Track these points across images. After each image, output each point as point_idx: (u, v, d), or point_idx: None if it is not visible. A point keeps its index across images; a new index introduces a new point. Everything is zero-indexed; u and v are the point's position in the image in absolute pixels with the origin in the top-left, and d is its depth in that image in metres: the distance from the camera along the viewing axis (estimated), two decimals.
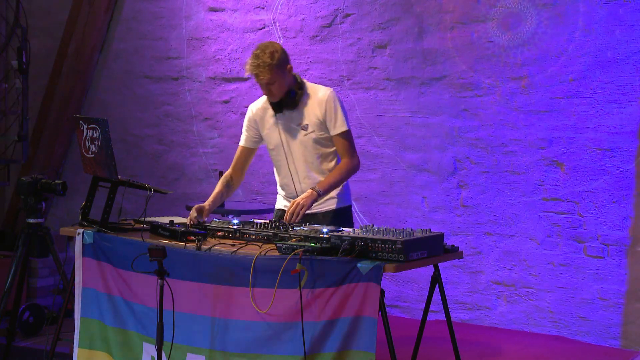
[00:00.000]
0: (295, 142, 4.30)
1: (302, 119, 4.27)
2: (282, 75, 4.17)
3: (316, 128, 4.26)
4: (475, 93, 5.76)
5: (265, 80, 4.14)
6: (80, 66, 7.07)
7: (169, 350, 3.79)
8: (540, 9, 5.56)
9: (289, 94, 4.22)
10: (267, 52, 4.14)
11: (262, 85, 4.19)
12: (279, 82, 4.16)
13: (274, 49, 4.17)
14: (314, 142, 4.27)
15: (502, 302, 5.76)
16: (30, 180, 4.73)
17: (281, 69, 4.16)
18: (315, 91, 4.29)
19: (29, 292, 6.32)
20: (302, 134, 4.27)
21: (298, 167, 4.32)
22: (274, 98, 4.23)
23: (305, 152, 4.29)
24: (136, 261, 3.79)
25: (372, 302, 3.44)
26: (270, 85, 4.17)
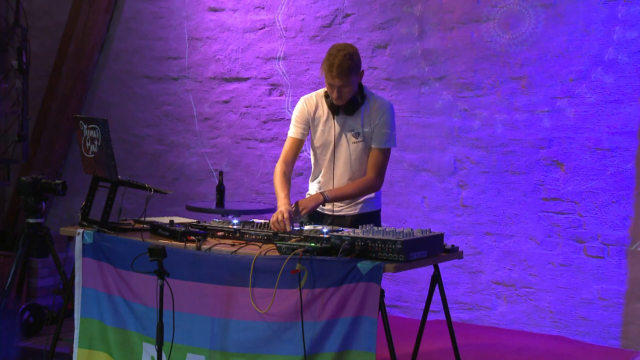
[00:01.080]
0: (343, 147, 4.22)
1: (356, 126, 4.19)
2: (355, 79, 4.08)
3: (367, 137, 4.18)
4: (475, 93, 5.76)
5: (340, 82, 4.03)
6: (80, 66, 7.07)
7: (169, 351, 3.79)
8: (540, 9, 5.56)
9: (352, 99, 4.13)
10: (347, 53, 4.03)
11: (334, 87, 4.07)
12: (351, 85, 4.06)
13: (352, 50, 4.07)
14: (362, 152, 4.20)
15: (502, 302, 5.76)
16: (30, 180, 4.73)
17: (356, 72, 4.07)
18: (375, 101, 4.20)
19: (29, 292, 6.32)
20: (352, 141, 4.20)
21: (338, 171, 4.25)
22: (342, 101, 4.11)
23: (351, 158, 4.22)
24: (136, 261, 3.79)
25: (372, 302, 3.44)
26: (343, 89, 4.06)
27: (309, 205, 4.08)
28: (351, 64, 4.01)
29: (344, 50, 4.04)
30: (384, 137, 4.18)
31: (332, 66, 4.00)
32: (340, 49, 4.06)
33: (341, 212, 4.28)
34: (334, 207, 4.29)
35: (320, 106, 4.25)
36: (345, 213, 4.28)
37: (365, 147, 4.20)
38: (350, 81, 4.03)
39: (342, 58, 4.00)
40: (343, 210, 4.28)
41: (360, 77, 4.13)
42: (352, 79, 4.03)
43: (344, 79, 4.01)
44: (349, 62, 4.00)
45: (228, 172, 6.54)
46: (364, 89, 4.20)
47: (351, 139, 4.20)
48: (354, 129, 4.19)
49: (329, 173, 4.29)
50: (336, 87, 4.05)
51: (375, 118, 4.17)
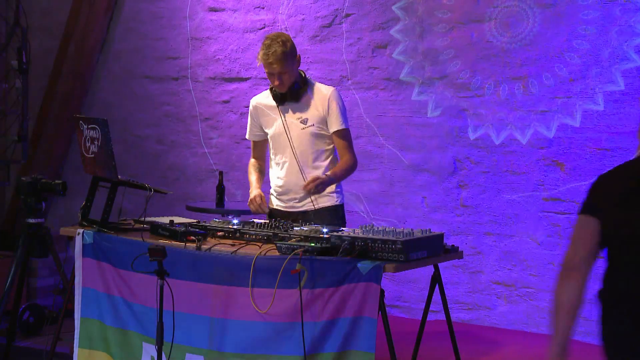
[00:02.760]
0: (294, 134, 4.31)
1: (302, 112, 4.31)
2: (292, 65, 4.23)
3: (316, 123, 4.29)
4: (475, 93, 5.76)
5: (278, 68, 4.18)
6: (80, 66, 7.07)
7: (168, 351, 3.79)
8: (540, 9, 5.56)
9: (293, 86, 4.26)
10: (279, 40, 4.19)
11: (273, 74, 4.22)
12: (290, 71, 4.22)
13: (285, 38, 4.23)
14: (312, 136, 4.30)
15: (502, 302, 5.76)
16: (30, 180, 4.72)
17: (292, 58, 4.22)
18: (318, 88, 4.35)
19: (29, 292, 6.31)
20: (301, 127, 4.30)
21: (292, 160, 4.33)
22: (284, 88, 4.26)
23: (302, 145, 4.30)
24: (136, 261, 3.79)
25: (372, 302, 3.44)
26: (282, 75, 4.20)
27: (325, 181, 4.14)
28: (285, 49, 4.18)
29: (277, 39, 4.21)
30: (339, 120, 4.30)
31: (267, 55, 4.17)
32: (272, 38, 4.23)
33: (303, 207, 4.33)
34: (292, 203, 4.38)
35: (266, 101, 4.39)
36: (307, 208, 4.32)
37: (314, 132, 4.30)
38: (287, 66, 4.19)
39: (275, 46, 4.17)
40: (305, 206, 4.33)
41: (297, 64, 4.28)
42: (288, 64, 4.19)
43: (281, 65, 4.17)
44: (282, 48, 4.17)
45: (228, 172, 6.54)
46: (305, 77, 4.34)
47: (300, 126, 4.30)
48: (301, 115, 4.31)
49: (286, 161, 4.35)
50: (276, 75, 4.21)
51: (323, 104, 4.29)
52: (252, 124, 4.49)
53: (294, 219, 4.24)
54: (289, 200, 4.38)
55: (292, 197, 4.36)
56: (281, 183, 4.39)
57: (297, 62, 4.27)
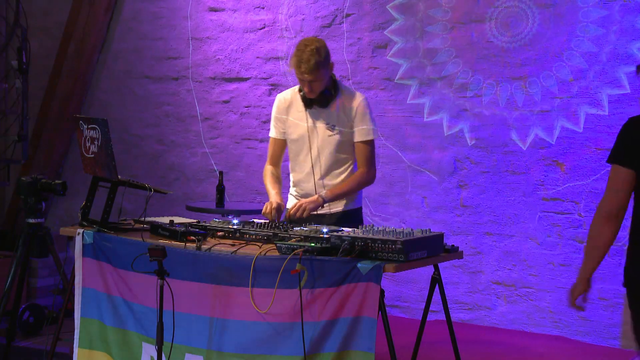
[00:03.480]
0: (318, 139, 4.27)
1: (330, 118, 4.25)
2: (325, 73, 4.16)
3: (342, 130, 4.24)
4: (475, 93, 5.76)
5: (309, 77, 4.11)
6: (80, 66, 7.07)
7: (168, 351, 3.79)
8: (540, 9, 5.56)
9: (324, 92, 4.21)
10: (314, 48, 4.11)
11: (304, 82, 4.15)
12: (321, 79, 4.15)
13: (319, 44, 4.14)
14: (337, 144, 4.25)
15: (502, 302, 5.75)
16: (30, 180, 4.72)
17: (325, 66, 4.15)
18: (348, 94, 4.27)
19: (29, 292, 6.31)
20: (328, 134, 4.25)
21: (315, 165, 4.30)
22: (313, 94, 4.20)
23: (326, 151, 4.27)
24: (136, 261, 3.78)
25: (372, 302, 3.43)
26: (313, 83, 4.14)
27: (309, 207, 4.11)
28: (318, 58, 4.10)
29: (311, 46, 4.13)
30: (366, 130, 4.24)
31: (300, 62, 4.10)
32: (307, 44, 4.15)
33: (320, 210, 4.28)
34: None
35: (294, 101, 4.33)
36: (324, 212, 4.29)
37: (341, 140, 4.25)
38: (319, 75, 4.12)
39: (309, 54, 4.09)
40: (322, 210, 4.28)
41: (330, 70, 4.21)
42: (320, 73, 4.12)
43: (312, 74, 4.11)
44: (316, 57, 4.09)
45: (228, 172, 6.54)
46: (337, 82, 4.28)
47: (326, 132, 4.26)
48: (329, 121, 4.25)
49: (305, 165, 4.33)
50: (306, 82, 4.14)
51: (350, 112, 4.23)
52: (278, 119, 4.39)
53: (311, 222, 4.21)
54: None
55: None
56: (302, 186, 4.38)
57: (330, 68, 4.19)
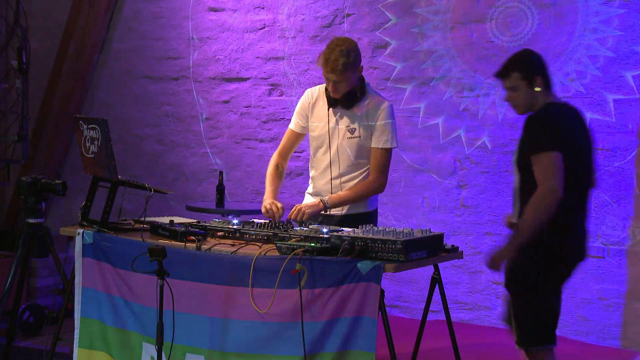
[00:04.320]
0: (338, 140, 4.23)
1: (353, 121, 4.20)
2: (352, 75, 4.10)
3: (363, 134, 4.18)
4: (475, 93, 5.76)
5: (335, 78, 4.07)
6: (80, 66, 7.07)
7: (168, 351, 3.79)
8: (540, 9, 5.56)
9: (349, 93, 4.14)
10: (344, 49, 4.05)
11: (330, 81, 4.11)
12: (347, 81, 4.09)
13: (350, 46, 4.08)
14: (357, 147, 4.20)
15: (502, 302, 5.75)
16: (30, 180, 4.72)
17: (354, 68, 4.10)
18: (374, 99, 4.21)
19: (29, 292, 6.31)
20: (348, 136, 4.21)
21: (332, 165, 4.26)
22: (338, 95, 4.15)
23: (344, 152, 4.23)
24: (136, 261, 3.78)
25: (372, 302, 3.43)
26: (339, 84, 4.09)
27: (308, 212, 4.07)
28: (346, 60, 4.04)
29: (342, 46, 4.06)
30: (385, 138, 4.18)
31: (327, 61, 4.06)
32: (338, 44, 4.08)
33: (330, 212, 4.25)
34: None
35: (320, 98, 4.28)
36: (334, 213, 4.26)
37: (360, 144, 4.20)
38: (344, 77, 4.06)
39: (337, 54, 4.04)
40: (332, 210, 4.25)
41: (359, 72, 4.14)
42: (346, 75, 4.06)
43: (337, 75, 4.05)
44: (344, 59, 4.03)
45: (228, 172, 6.54)
46: (365, 84, 4.21)
47: (346, 134, 4.21)
48: (350, 124, 4.20)
49: (323, 165, 4.30)
50: (332, 82, 4.10)
51: (374, 117, 4.17)
52: (301, 113, 4.33)
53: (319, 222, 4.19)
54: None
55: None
56: (315, 184, 4.34)
57: (359, 71, 4.13)
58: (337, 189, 4.24)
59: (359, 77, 4.17)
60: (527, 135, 3.68)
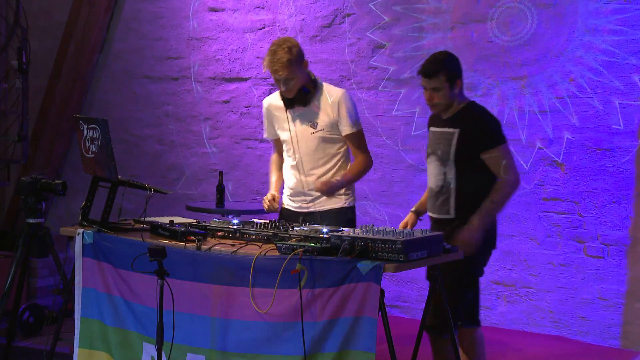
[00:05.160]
0: (303, 139, 4.33)
1: (313, 116, 4.31)
2: (299, 71, 4.21)
3: (325, 127, 4.30)
4: (475, 93, 5.76)
5: (284, 75, 4.17)
6: (80, 66, 7.07)
7: (169, 351, 3.79)
8: (540, 9, 5.56)
9: (302, 90, 4.26)
10: (285, 47, 4.18)
11: (279, 81, 4.22)
12: (296, 77, 4.20)
13: (291, 44, 4.22)
14: (322, 141, 4.32)
15: (502, 302, 5.75)
16: (30, 180, 4.72)
17: (299, 64, 4.21)
18: (328, 90, 4.33)
19: (29, 292, 6.31)
20: (311, 132, 4.31)
21: (304, 163, 4.36)
22: (291, 94, 4.26)
23: (312, 149, 4.33)
24: (136, 261, 3.78)
25: (372, 302, 3.43)
26: (289, 81, 4.20)
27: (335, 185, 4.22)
28: (290, 57, 4.17)
29: (283, 45, 4.20)
30: (350, 122, 4.31)
31: (272, 61, 4.18)
32: (278, 44, 4.22)
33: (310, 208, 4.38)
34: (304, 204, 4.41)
35: (278, 103, 4.40)
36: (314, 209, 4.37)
37: (325, 137, 4.31)
38: (292, 73, 4.18)
39: (281, 53, 4.17)
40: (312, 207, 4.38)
41: (305, 67, 4.26)
42: (293, 70, 4.18)
43: (285, 71, 4.17)
44: (287, 56, 4.16)
45: (228, 172, 6.54)
46: (316, 79, 4.33)
47: (309, 130, 4.31)
48: (312, 119, 4.30)
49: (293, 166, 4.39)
50: (282, 81, 4.21)
51: (333, 108, 4.29)
52: (268, 123, 4.50)
53: (303, 220, 4.27)
54: (298, 201, 4.43)
55: (301, 198, 4.42)
56: (291, 185, 4.45)
57: (304, 67, 4.26)
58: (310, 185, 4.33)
59: (307, 73, 4.29)
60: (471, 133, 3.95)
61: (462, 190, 3.98)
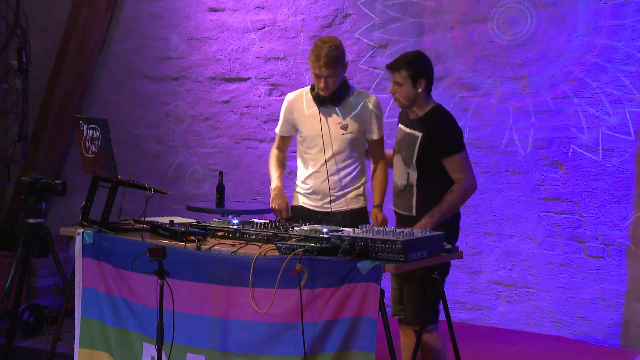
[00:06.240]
0: (334, 138, 4.33)
1: (343, 118, 4.32)
2: (341, 70, 4.26)
3: (355, 130, 4.32)
4: (475, 93, 5.76)
5: (326, 72, 4.20)
6: (80, 66, 7.07)
7: (169, 351, 3.79)
8: (540, 9, 5.56)
9: (337, 90, 4.28)
10: (332, 44, 4.21)
11: (320, 76, 4.23)
12: (337, 75, 4.24)
13: (338, 42, 4.27)
14: (350, 143, 4.33)
15: (502, 302, 5.76)
16: (30, 180, 4.72)
17: (342, 63, 4.26)
18: (360, 94, 4.38)
19: (29, 292, 6.31)
20: (341, 133, 4.32)
21: (328, 163, 4.35)
22: (328, 91, 4.27)
23: (342, 149, 4.33)
24: (136, 261, 3.78)
25: (372, 302, 3.43)
26: (329, 79, 4.22)
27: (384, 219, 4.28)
28: (337, 54, 4.21)
29: (330, 42, 4.24)
30: (379, 128, 4.37)
31: (319, 57, 4.19)
32: (326, 40, 4.26)
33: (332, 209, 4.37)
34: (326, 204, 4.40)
35: (305, 101, 4.40)
36: (335, 210, 4.37)
37: (352, 140, 4.33)
38: (336, 71, 4.22)
39: (328, 49, 4.20)
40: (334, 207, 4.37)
41: (344, 69, 4.29)
42: (338, 69, 4.23)
43: (330, 69, 4.19)
44: (335, 53, 4.20)
45: (228, 172, 6.54)
46: (347, 81, 4.36)
47: (339, 131, 4.32)
48: (341, 121, 4.32)
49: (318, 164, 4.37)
50: (323, 77, 4.22)
51: (366, 112, 4.33)
52: (285, 120, 4.48)
53: (320, 219, 4.29)
54: (319, 200, 4.40)
55: (322, 197, 4.39)
56: (311, 184, 4.41)
57: (344, 68, 4.29)
58: (335, 185, 4.33)
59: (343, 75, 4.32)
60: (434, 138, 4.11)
61: (422, 191, 4.15)
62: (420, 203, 4.14)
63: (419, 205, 4.15)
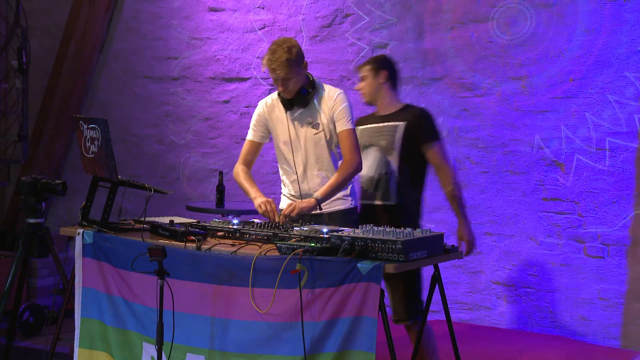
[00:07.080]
0: (305, 140, 4.29)
1: (313, 117, 4.28)
2: (298, 71, 4.19)
3: (326, 128, 4.27)
4: (475, 93, 5.76)
5: (282, 75, 4.15)
6: (80, 66, 7.07)
7: (169, 351, 3.79)
8: (540, 9, 5.56)
9: (301, 91, 4.23)
10: (285, 47, 4.16)
11: (278, 80, 4.20)
12: (295, 77, 4.18)
13: (291, 44, 4.19)
14: (324, 141, 4.28)
15: (502, 302, 5.76)
16: (30, 180, 4.72)
17: (298, 64, 4.19)
18: (326, 91, 4.31)
19: (29, 292, 6.32)
20: (313, 132, 4.28)
21: (306, 165, 4.31)
22: (290, 94, 4.23)
23: (316, 150, 4.28)
24: (136, 261, 3.79)
25: (372, 302, 3.44)
26: (287, 81, 4.18)
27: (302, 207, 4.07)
28: (290, 56, 4.15)
29: (283, 45, 4.18)
30: (346, 119, 4.26)
31: (271, 60, 4.16)
32: (279, 43, 4.20)
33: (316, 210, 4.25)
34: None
35: (275, 105, 4.36)
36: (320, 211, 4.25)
37: (326, 137, 4.28)
38: (291, 72, 4.16)
39: (280, 52, 4.15)
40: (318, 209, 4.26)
41: (304, 68, 4.24)
42: (292, 70, 4.16)
43: (284, 71, 4.14)
44: (287, 55, 4.14)
45: (228, 172, 6.54)
46: (314, 80, 4.30)
47: (311, 131, 4.28)
48: (312, 121, 4.28)
49: (293, 169, 4.33)
50: (280, 80, 4.18)
51: (331, 106, 4.26)
52: (258, 123, 4.41)
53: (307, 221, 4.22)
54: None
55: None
56: (295, 187, 4.36)
57: (303, 68, 4.23)
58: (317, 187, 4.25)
59: (306, 75, 4.26)
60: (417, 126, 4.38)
61: (404, 177, 4.37)
62: (402, 189, 4.36)
63: (399, 192, 4.36)
